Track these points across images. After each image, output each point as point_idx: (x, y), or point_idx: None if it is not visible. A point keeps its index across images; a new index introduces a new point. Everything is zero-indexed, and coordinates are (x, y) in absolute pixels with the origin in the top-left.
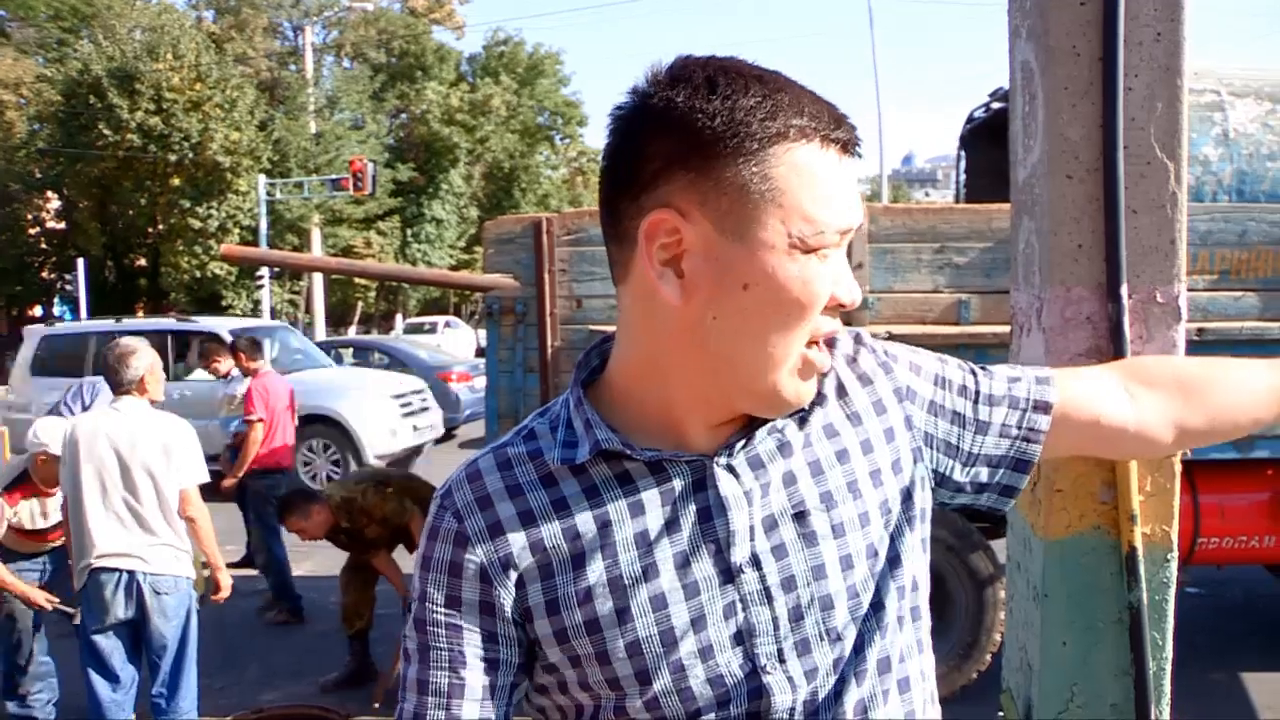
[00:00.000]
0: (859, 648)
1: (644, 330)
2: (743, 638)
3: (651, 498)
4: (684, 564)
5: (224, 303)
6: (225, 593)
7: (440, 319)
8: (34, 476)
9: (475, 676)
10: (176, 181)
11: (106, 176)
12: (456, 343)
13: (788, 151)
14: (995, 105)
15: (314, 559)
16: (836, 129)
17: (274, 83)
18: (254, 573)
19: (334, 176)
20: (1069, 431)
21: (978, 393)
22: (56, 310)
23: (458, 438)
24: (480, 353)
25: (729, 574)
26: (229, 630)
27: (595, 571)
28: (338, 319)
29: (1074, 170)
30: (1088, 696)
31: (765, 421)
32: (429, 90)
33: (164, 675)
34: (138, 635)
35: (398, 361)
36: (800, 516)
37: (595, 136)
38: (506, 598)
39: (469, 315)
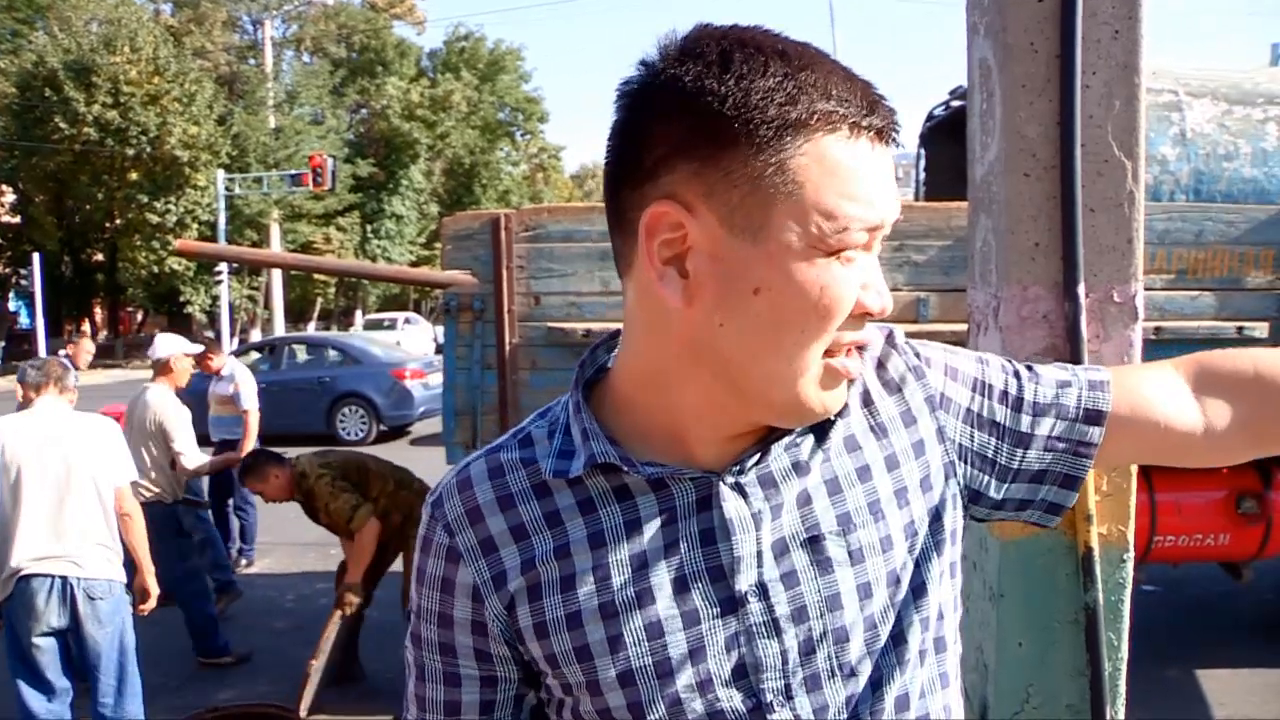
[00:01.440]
0: (875, 684)
1: (646, 332)
2: (746, 672)
3: (650, 516)
4: (683, 590)
5: (182, 298)
6: (151, 603)
7: (400, 315)
8: None
9: (472, 694)
10: (134, 176)
11: (62, 170)
12: (415, 339)
13: (809, 141)
14: (955, 103)
15: (273, 555)
16: (869, 114)
17: (233, 77)
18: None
19: (293, 172)
20: (1127, 441)
21: (1020, 399)
22: (12, 306)
23: (411, 434)
24: (439, 349)
25: (732, 603)
26: (183, 628)
27: (586, 594)
28: (297, 315)
29: (1031, 168)
30: (1044, 697)
31: (783, 434)
32: (389, 85)
33: (106, 684)
34: (70, 644)
35: (351, 358)
36: (814, 541)
37: (556, 133)
38: (498, 618)
39: (429, 312)
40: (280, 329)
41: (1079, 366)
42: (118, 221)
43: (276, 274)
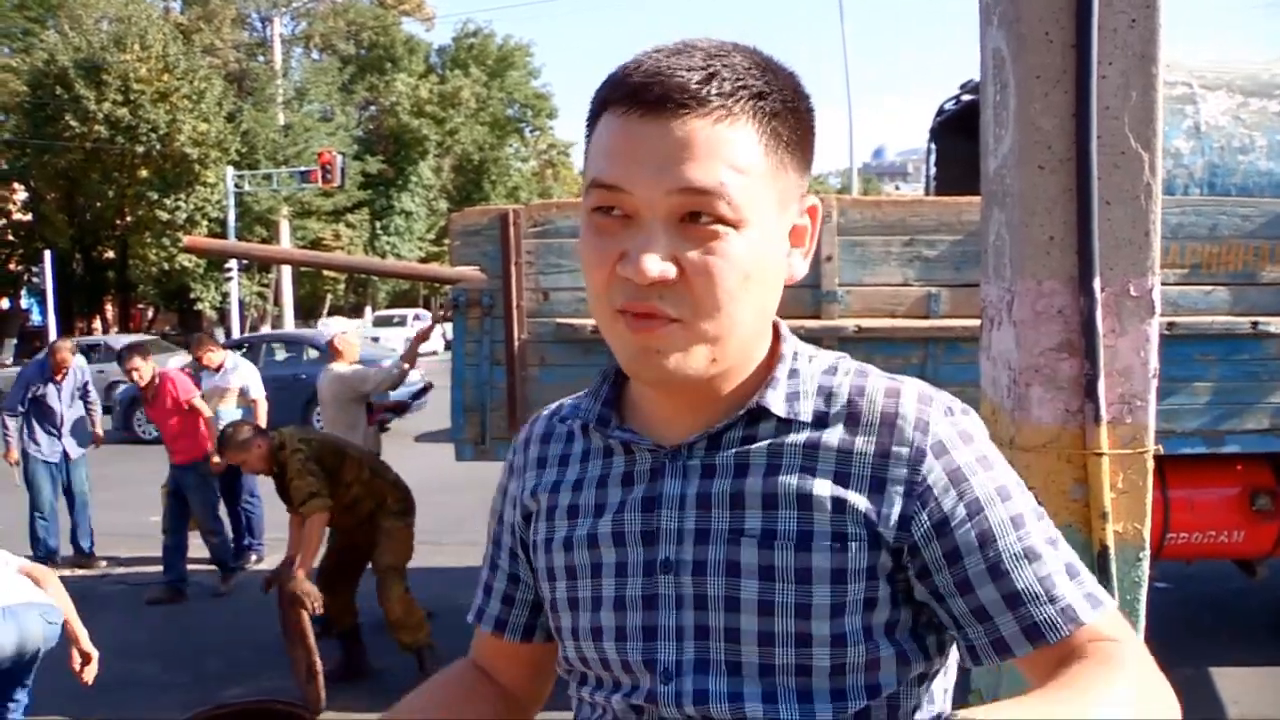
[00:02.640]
0: (769, 697)
1: None
2: (653, 634)
3: (617, 474)
4: (620, 543)
5: (192, 295)
6: (93, 667)
7: (409, 311)
8: None
9: (500, 583)
10: (144, 173)
11: (73, 168)
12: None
13: (599, 123)
14: (966, 97)
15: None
16: (636, 94)
17: (242, 74)
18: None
19: (303, 169)
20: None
21: (995, 569)
22: (24, 304)
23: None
24: (448, 345)
25: (650, 568)
26: (192, 626)
27: (559, 526)
28: (307, 311)
29: (1046, 160)
30: None
31: (735, 424)
32: (398, 82)
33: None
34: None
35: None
36: (731, 542)
37: (565, 129)
38: (519, 527)
39: (439, 308)
40: (290, 325)
41: (1086, 578)
42: (128, 219)
43: (286, 270)
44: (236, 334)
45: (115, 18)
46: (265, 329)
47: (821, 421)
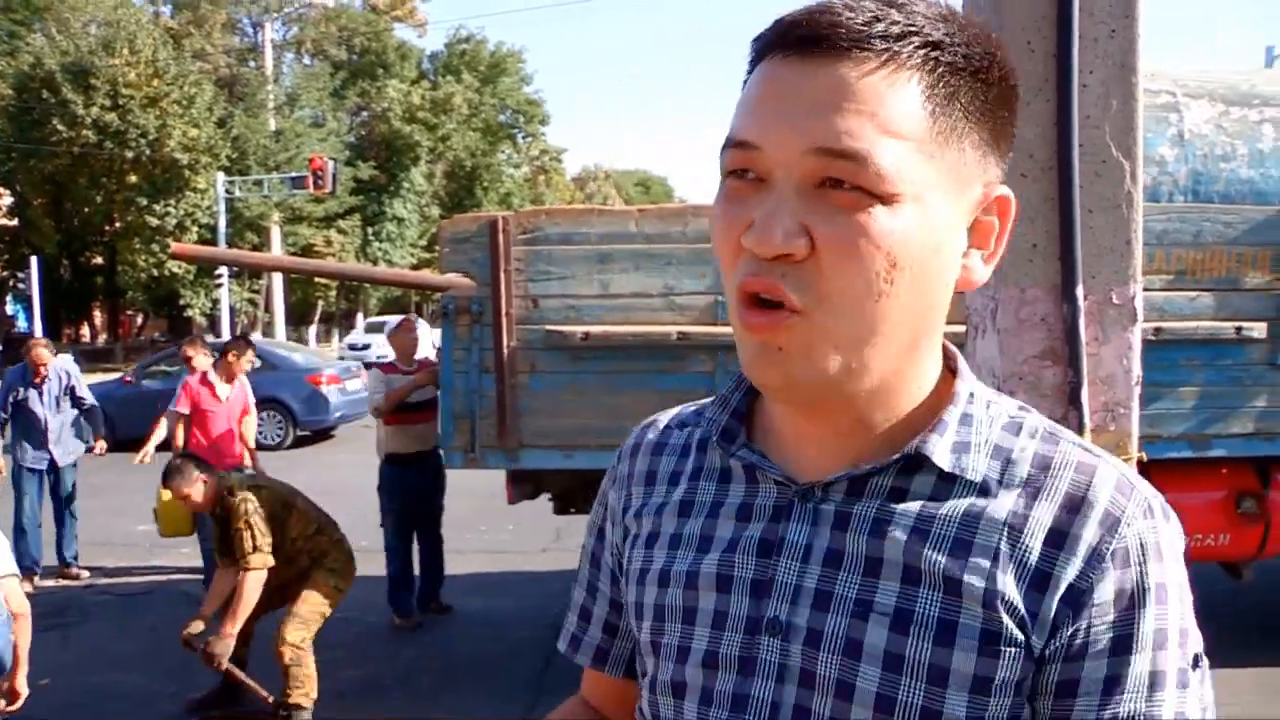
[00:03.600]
0: None
1: None
2: (741, 705)
3: (733, 504)
4: (724, 589)
5: (182, 302)
6: (19, 704)
7: (399, 318)
8: None
9: (600, 609)
10: (133, 179)
11: (61, 173)
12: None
13: (748, 77)
14: None
15: None
16: (784, 31)
17: (233, 79)
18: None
19: (294, 174)
20: None
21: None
22: (9, 310)
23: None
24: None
25: (754, 624)
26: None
27: (657, 556)
28: (298, 318)
29: (1028, 169)
30: None
31: (886, 467)
32: (390, 88)
33: None
34: None
35: (268, 364)
36: (858, 615)
37: (557, 135)
38: (614, 543)
39: (431, 315)
40: (281, 332)
41: None
42: (117, 224)
43: (277, 277)
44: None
45: (104, 21)
46: (256, 336)
47: (990, 488)
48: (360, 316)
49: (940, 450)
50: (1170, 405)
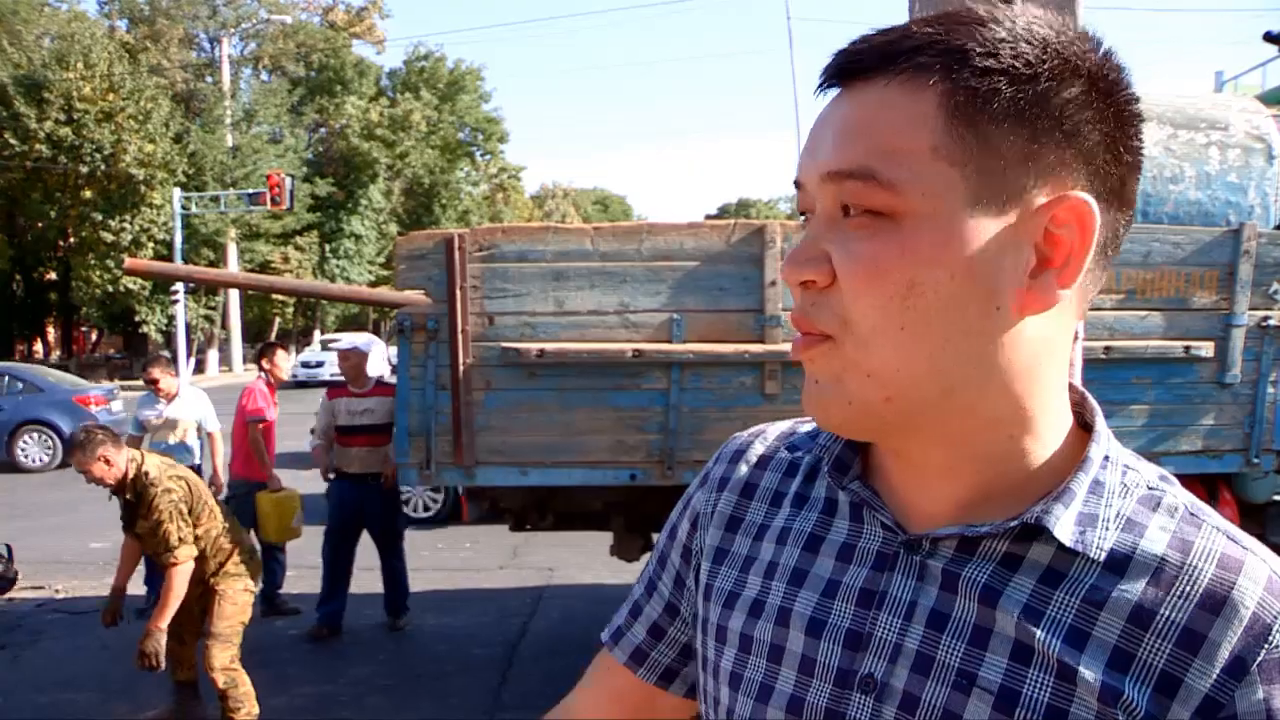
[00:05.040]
0: None
1: None
2: None
3: (835, 540)
4: (815, 632)
5: (137, 318)
6: None
7: (348, 340)
8: None
9: (654, 610)
10: (88, 194)
11: (13, 187)
12: (371, 360)
13: None
14: None
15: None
16: (822, 71)
17: (190, 94)
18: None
19: (251, 191)
20: None
21: None
22: None
23: None
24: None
25: (845, 678)
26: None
27: (751, 583)
28: (255, 334)
29: None
30: None
31: (1014, 534)
32: (348, 105)
33: None
34: None
35: (33, 386)
36: (959, 685)
37: (516, 153)
38: (697, 554)
39: (388, 332)
40: (238, 349)
41: None
42: (71, 240)
43: (234, 294)
44: (183, 357)
45: (57, 35)
46: (212, 354)
47: (1119, 568)
48: (317, 333)
49: (1064, 522)
50: (1121, 423)
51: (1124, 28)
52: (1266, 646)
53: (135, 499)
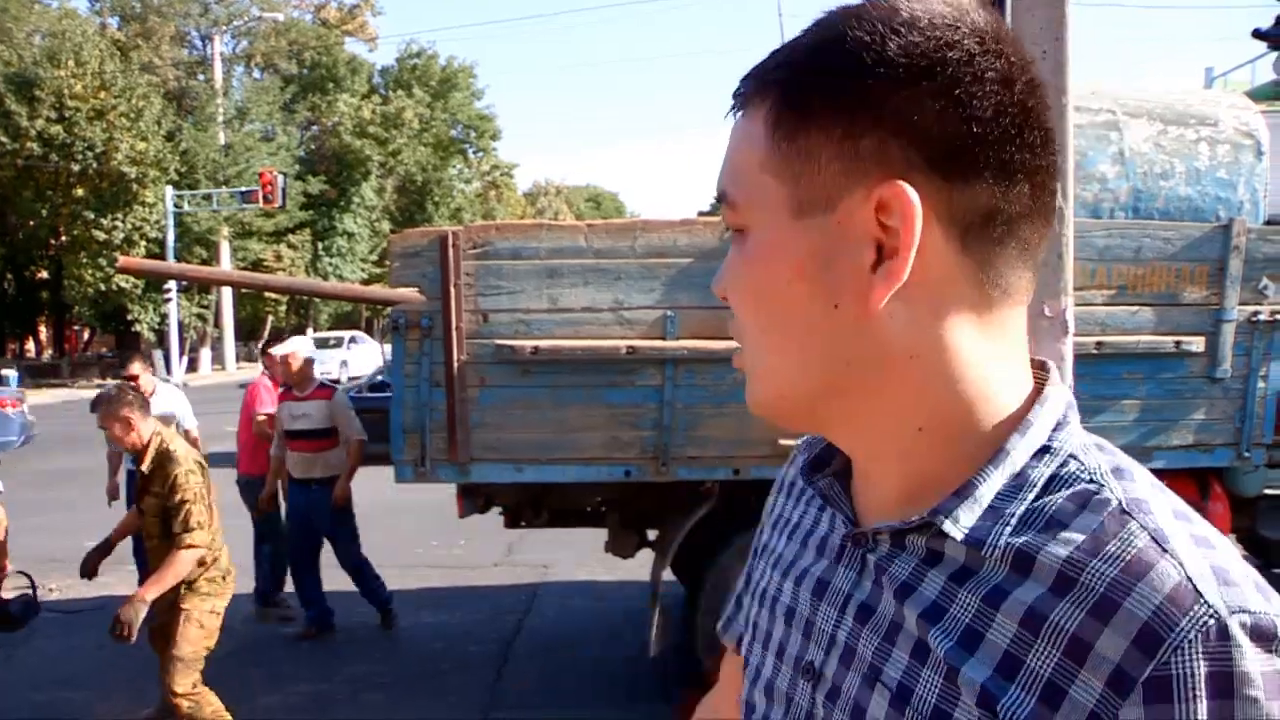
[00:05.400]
0: None
1: None
2: None
3: (818, 536)
4: (788, 622)
5: (130, 317)
6: None
7: (346, 334)
8: None
9: (741, 587)
10: (80, 192)
11: (4, 186)
12: (362, 357)
13: None
14: None
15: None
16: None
17: (182, 92)
18: None
19: (243, 189)
20: None
21: None
22: None
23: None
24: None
25: (798, 664)
26: (128, 651)
27: (766, 574)
28: (248, 333)
29: None
30: None
31: (922, 530)
32: (341, 102)
33: None
34: None
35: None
36: (870, 678)
37: (508, 150)
38: (757, 550)
39: (381, 330)
40: (230, 347)
41: None
42: (63, 238)
43: (227, 292)
44: (176, 356)
45: (48, 32)
46: (205, 352)
47: (1024, 568)
48: (310, 331)
49: (960, 519)
50: (1112, 418)
51: (1116, 24)
52: (1153, 663)
53: (151, 471)
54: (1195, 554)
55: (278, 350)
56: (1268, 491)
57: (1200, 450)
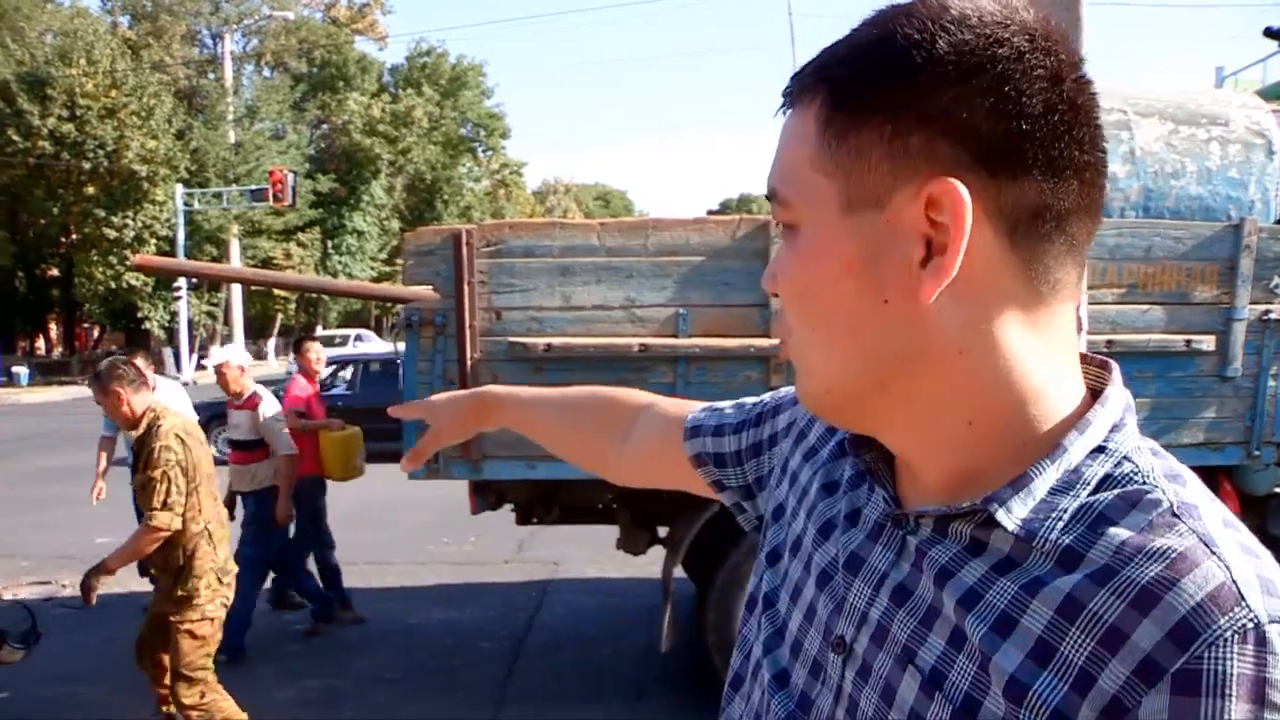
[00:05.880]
0: None
1: None
2: (806, 706)
3: (854, 502)
4: (821, 586)
5: (140, 314)
6: None
7: (351, 332)
8: None
9: (729, 424)
10: (91, 190)
11: (16, 184)
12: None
13: None
14: None
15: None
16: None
17: (192, 91)
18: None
19: (253, 187)
20: None
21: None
22: None
23: None
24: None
25: (828, 634)
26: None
27: (800, 516)
28: (257, 331)
29: None
30: None
31: (974, 519)
32: (351, 101)
33: None
34: None
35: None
36: (903, 659)
37: (518, 149)
38: (771, 457)
39: (390, 328)
40: (240, 345)
41: None
42: (74, 236)
43: (236, 290)
44: (185, 354)
45: (60, 31)
46: (214, 349)
47: (1070, 562)
48: (320, 329)
49: (1013, 511)
50: None
51: (1126, 24)
52: (1185, 656)
53: (138, 447)
54: (1242, 560)
55: (209, 362)
56: (1278, 490)
57: (1210, 448)
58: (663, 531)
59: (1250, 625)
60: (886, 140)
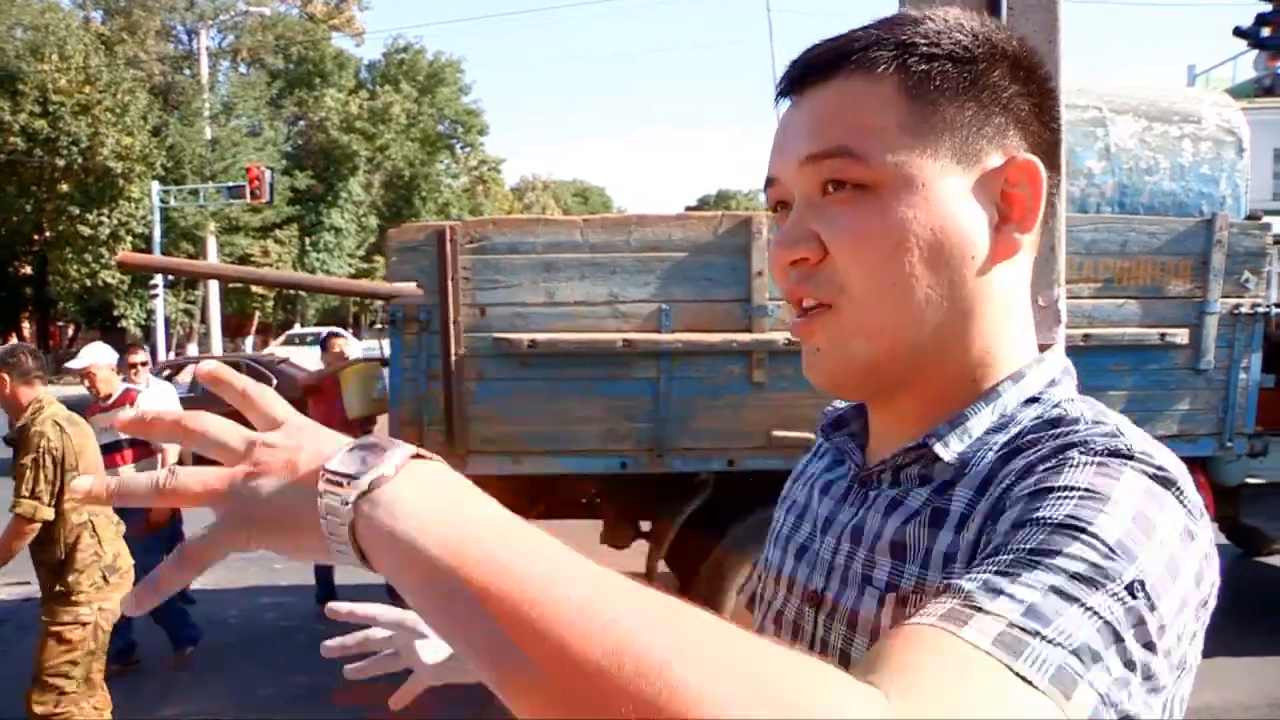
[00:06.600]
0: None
1: None
2: None
3: (836, 484)
4: (799, 556)
5: (116, 312)
6: None
7: (324, 330)
8: None
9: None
10: (65, 187)
11: None
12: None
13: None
14: None
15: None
16: (784, 77)
17: (168, 87)
18: None
19: (230, 184)
20: None
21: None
22: None
23: None
24: (385, 361)
25: (803, 592)
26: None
27: (785, 520)
28: (234, 329)
29: None
30: None
31: (917, 456)
32: (328, 97)
33: None
34: None
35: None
36: (863, 586)
37: (495, 145)
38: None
39: (368, 325)
40: (218, 343)
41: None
42: (48, 234)
43: (214, 287)
44: (163, 353)
45: (31, 26)
46: (192, 348)
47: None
48: (298, 327)
49: (953, 443)
50: None
51: (1102, 20)
52: (1060, 457)
53: (17, 434)
54: (1138, 432)
55: (75, 364)
56: (1249, 480)
57: (1184, 440)
58: (646, 526)
59: (1123, 448)
60: (974, 113)
